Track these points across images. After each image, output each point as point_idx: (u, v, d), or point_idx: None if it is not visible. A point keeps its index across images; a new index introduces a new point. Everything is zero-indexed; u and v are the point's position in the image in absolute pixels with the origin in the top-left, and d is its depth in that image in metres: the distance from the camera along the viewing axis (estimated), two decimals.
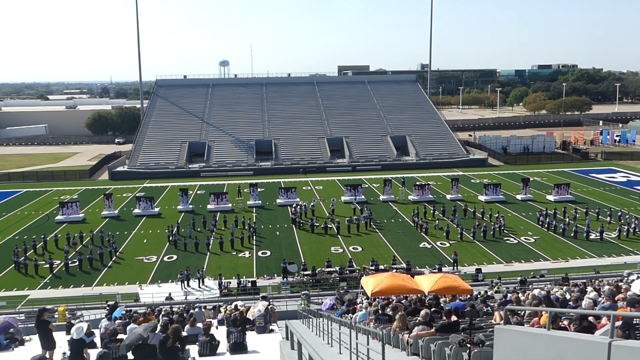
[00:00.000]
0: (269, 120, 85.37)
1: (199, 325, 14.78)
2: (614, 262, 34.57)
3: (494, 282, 29.80)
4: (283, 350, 10.99)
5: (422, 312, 11.31)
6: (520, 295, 16.43)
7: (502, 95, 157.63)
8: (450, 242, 39.80)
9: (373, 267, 32.48)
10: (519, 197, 52.74)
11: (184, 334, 12.47)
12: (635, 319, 6.32)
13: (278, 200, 52.43)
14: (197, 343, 12.59)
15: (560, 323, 8.22)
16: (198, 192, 58.98)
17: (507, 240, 40.12)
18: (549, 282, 28.03)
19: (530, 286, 26.33)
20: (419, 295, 16.97)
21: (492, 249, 38.14)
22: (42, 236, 40.42)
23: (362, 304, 18.54)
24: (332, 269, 33.35)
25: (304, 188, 59.39)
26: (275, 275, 33.95)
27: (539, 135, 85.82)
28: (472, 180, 62.33)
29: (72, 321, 20.57)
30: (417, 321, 10.99)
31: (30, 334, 15.82)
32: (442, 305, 15.19)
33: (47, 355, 11.68)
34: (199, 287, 32.24)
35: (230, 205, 50.90)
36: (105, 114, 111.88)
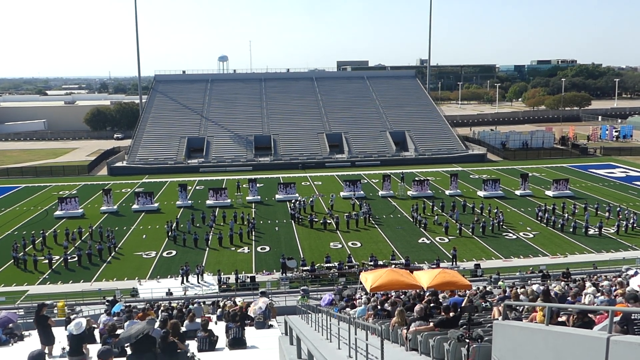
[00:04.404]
0: (268, 115, 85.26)
1: (198, 320, 14.79)
2: (612, 257, 34.61)
3: (493, 277, 29.82)
4: (282, 346, 10.99)
5: (417, 307, 11.34)
6: (519, 290, 16.45)
7: (501, 91, 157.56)
8: (449, 237, 39.84)
9: (372, 263, 32.52)
10: (517, 192, 52.77)
11: (183, 329, 12.47)
12: (633, 314, 6.32)
13: (277, 196, 52.40)
14: (196, 338, 12.59)
15: (558, 318, 8.23)
16: (197, 187, 58.95)
17: (506, 235, 40.16)
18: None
19: (529, 281, 26.39)
20: (417, 290, 17.00)
21: (491, 245, 38.18)
22: (41, 232, 40.39)
23: (361, 299, 18.57)
24: (331, 265, 33.39)
25: (303, 183, 59.40)
26: (275, 270, 33.98)
27: (538, 131, 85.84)
28: (471, 176, 62.33)
29: (71, 316, 20.59)
30: (413, 316, 11.02)
31: (30, 329, 15.83)
32: (440, 300, 15.21)
33: (47, 351, 11.68)
34: (198, 282, 32.30)
35: (229, 200, 50.91)
36: (104, 110, 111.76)
